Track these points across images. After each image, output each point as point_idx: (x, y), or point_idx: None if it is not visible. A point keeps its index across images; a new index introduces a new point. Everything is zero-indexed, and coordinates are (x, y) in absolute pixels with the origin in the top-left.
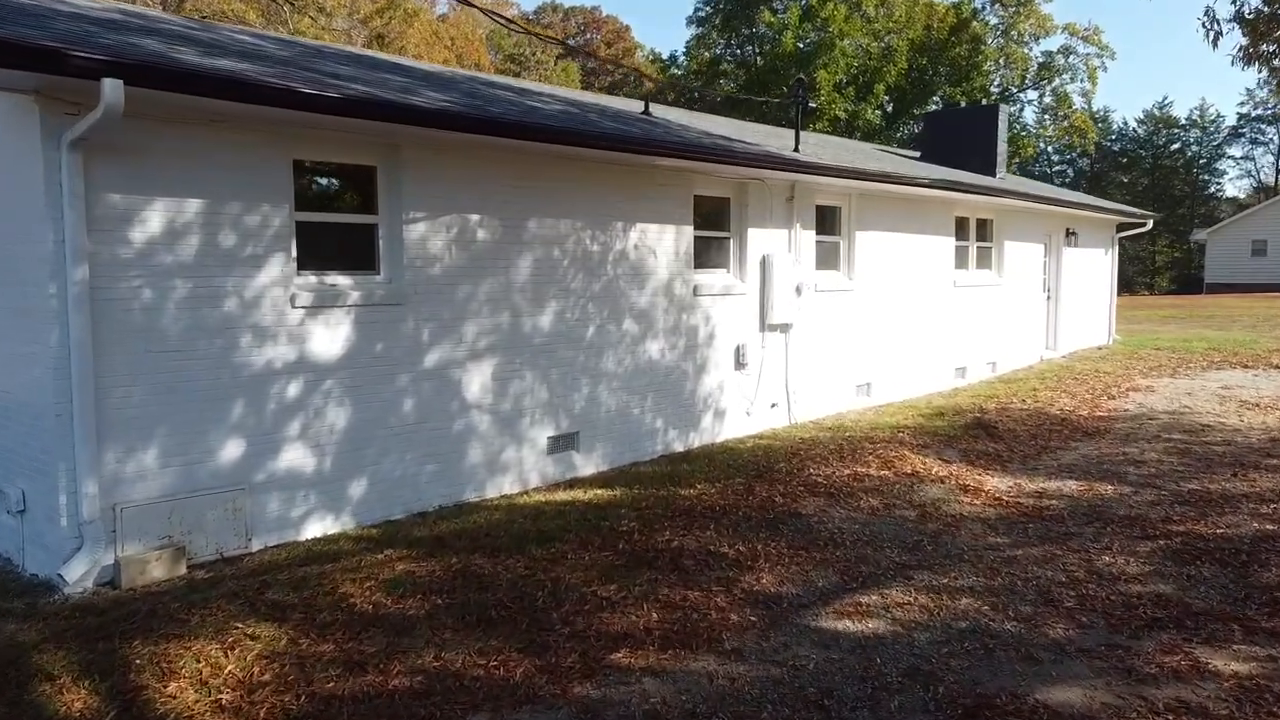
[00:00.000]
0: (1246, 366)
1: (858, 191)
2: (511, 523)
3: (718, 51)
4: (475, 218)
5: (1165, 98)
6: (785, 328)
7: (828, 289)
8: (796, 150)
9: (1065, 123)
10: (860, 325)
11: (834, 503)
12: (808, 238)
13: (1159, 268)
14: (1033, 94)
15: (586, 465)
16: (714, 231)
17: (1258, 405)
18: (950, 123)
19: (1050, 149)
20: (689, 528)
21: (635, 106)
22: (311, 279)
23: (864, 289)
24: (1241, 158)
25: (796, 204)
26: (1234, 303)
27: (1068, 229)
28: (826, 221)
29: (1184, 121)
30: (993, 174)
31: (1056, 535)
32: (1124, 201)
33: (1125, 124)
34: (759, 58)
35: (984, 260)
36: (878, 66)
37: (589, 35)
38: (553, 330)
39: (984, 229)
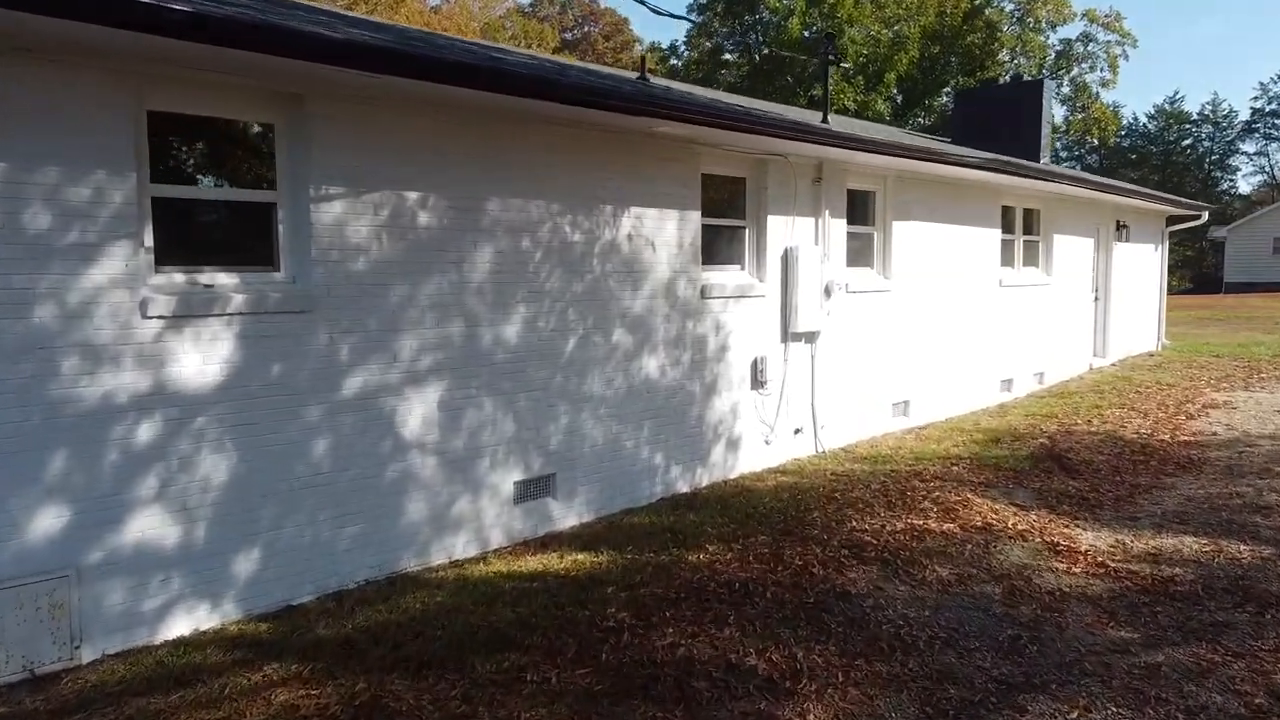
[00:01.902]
0: None
1: (894, 174)
2: (456, 612)
3: (719, 40)
4: (414, 196)
5: (1176, 92)
6: (811, 337)
7: (860, 289)
8: (825, 121)
9: (1083, 114)
10: (897, 332)
11: (890, 574)
12: (838, 228)
13: (1169, 266)
14: (1049, 84)
15: (566, 516)
16: (726, 219)
17: None
18: (986, 102)
19: (1059, 144)
20: (699, 620)
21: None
22: (177, 278)
23: (901, 289)
24: (1255, 154)
25: (825, 187)
26: (1264, 302)
27: (1118, 221)
28: (858, 210)
29: (1196, 116)
30: (1036, 159)
31: (1201, 627)
32: None
33: (1135, 119)
34: (763, 46)
35: (1030, 256)
36: (888, 55)
37: (587, 28)
38: (521, 344)
39: (1030, 221)
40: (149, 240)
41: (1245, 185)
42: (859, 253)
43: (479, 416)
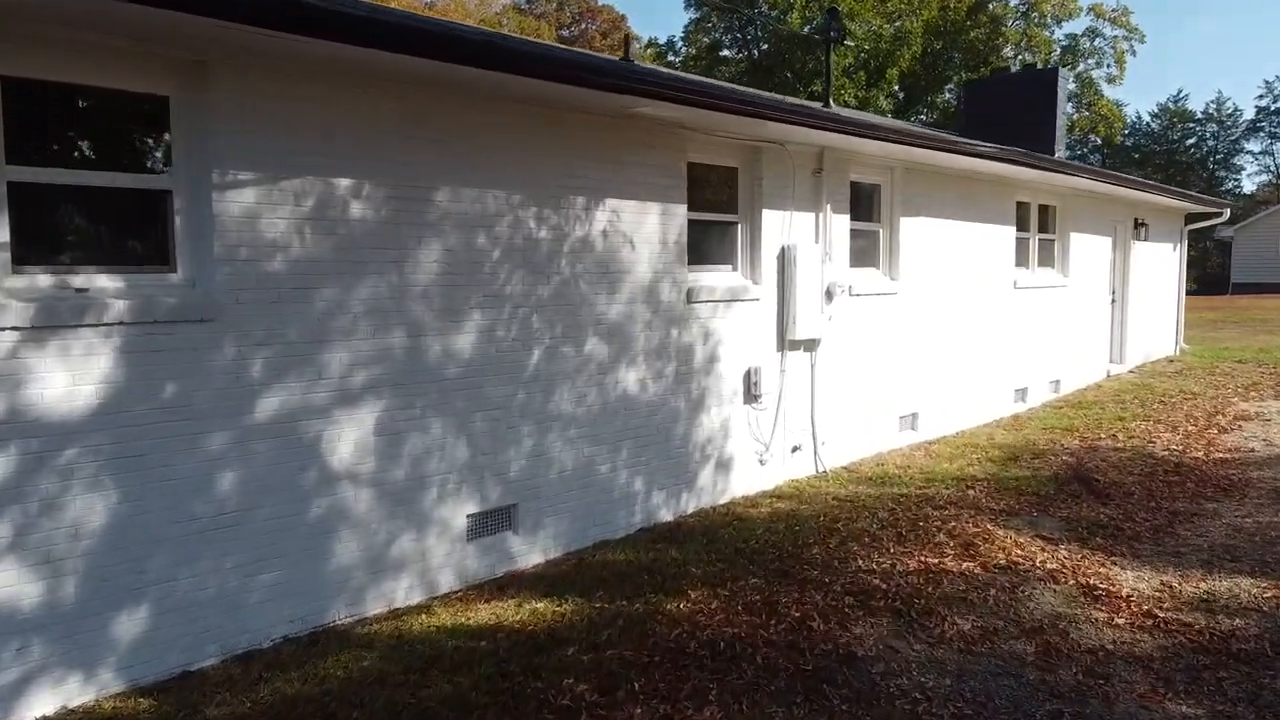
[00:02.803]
0: None
1: (902, 165)
2: (381, 683)
3: (717, 35)
4: (346, 184)
5: (1180, 90)
6: (811, 344)
7: (864, 292)
8: (828, 105)
9: (1089, 111)
10: (905, 338)
11: (904, 628)
12: (840, 224)
13: None
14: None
15: (529, 552)
16: (716, 214)
17: None
18: (996, 93)
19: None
20: (674, 695)
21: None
22: (41, 280)
23: (909, 292)
24: (1260, 153)
25: (826, 178)
26: (1277, 304)
27: (1136, 219)
28: (862, 205)
29: (1200, 115)
30: (1050, 153)
31: (1277, 699)
32: None
33: (1139, 118)
34: (763, 41)
35: (1046, 256)
36: (890, 50)
37: (584, 25)
38: (476, 356)
39: (1045, 218)
40: (3, 234)
41: (1250, 184)
42: (863, 252)
43: (425, 441)
